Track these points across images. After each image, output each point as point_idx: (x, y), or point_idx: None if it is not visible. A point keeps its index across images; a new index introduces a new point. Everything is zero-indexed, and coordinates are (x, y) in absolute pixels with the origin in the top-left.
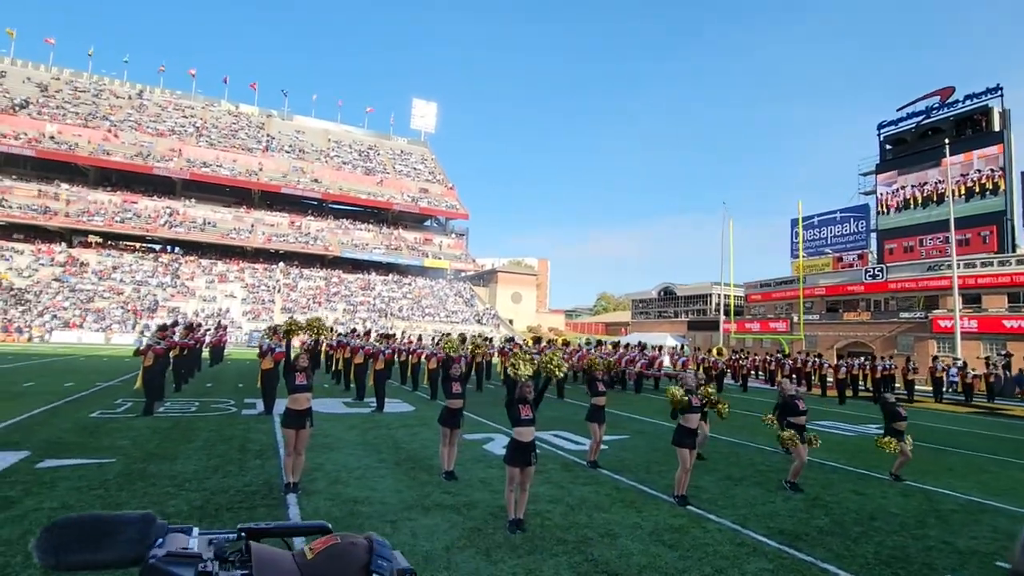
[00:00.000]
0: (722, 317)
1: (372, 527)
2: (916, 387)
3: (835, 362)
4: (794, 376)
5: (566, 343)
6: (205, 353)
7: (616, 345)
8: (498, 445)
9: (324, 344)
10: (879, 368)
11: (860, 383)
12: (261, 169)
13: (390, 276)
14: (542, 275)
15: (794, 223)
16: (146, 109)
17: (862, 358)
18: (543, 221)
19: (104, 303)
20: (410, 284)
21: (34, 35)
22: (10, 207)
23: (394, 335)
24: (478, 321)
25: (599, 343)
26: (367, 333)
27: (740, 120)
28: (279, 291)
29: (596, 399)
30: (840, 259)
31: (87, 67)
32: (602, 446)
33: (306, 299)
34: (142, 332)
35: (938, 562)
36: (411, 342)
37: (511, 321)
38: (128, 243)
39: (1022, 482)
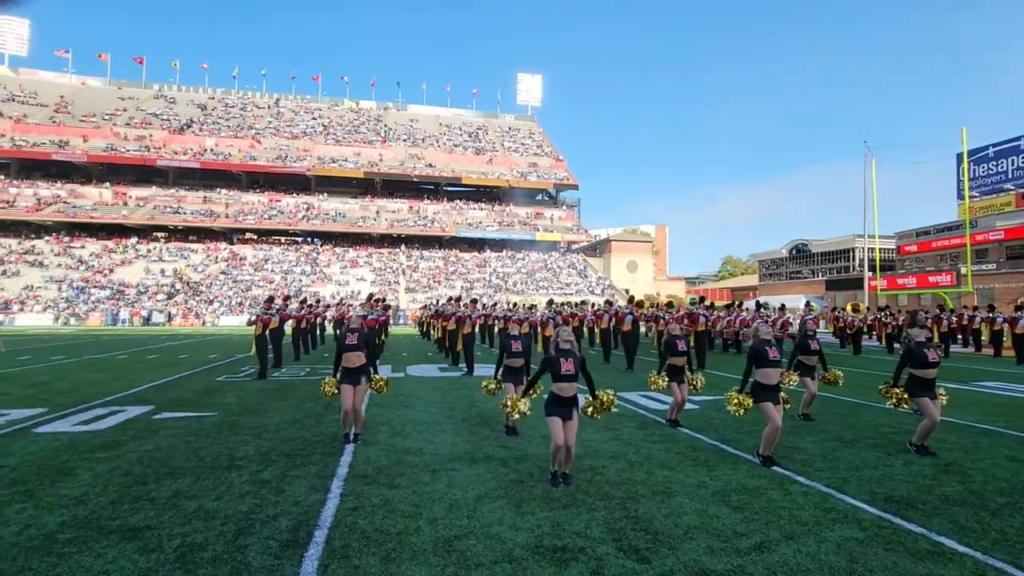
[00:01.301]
0: (867, 273)
1: (412, 475)
2: None
3: (1013, 315)
4: (959, 336)
5: (669, 304)
6: (330, 328)
7: (729, 307)
8: None
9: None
10: None
11: None
12: (381, 159)
13: (504, 252)
14: (660, 242)
15: (960, 158)
16: (282, 116)
17: None
18: (661, 187)
19: (259, 291)
20: (523, 259)
21: (192, 61)
22: (184, 213)
23: (492, 303)
24: (591, 292)
25: (703, 301)
26: (457, 299)
27: (884, 46)
28: (403, 273)
29: (674, 359)
30: None
31: (234, 85)
32: (691, 405)
33: (427, 279)
34: (251, 305)
35: None
36: (506, 309)
37: (627, 291)
38: (276, 237)
39: None
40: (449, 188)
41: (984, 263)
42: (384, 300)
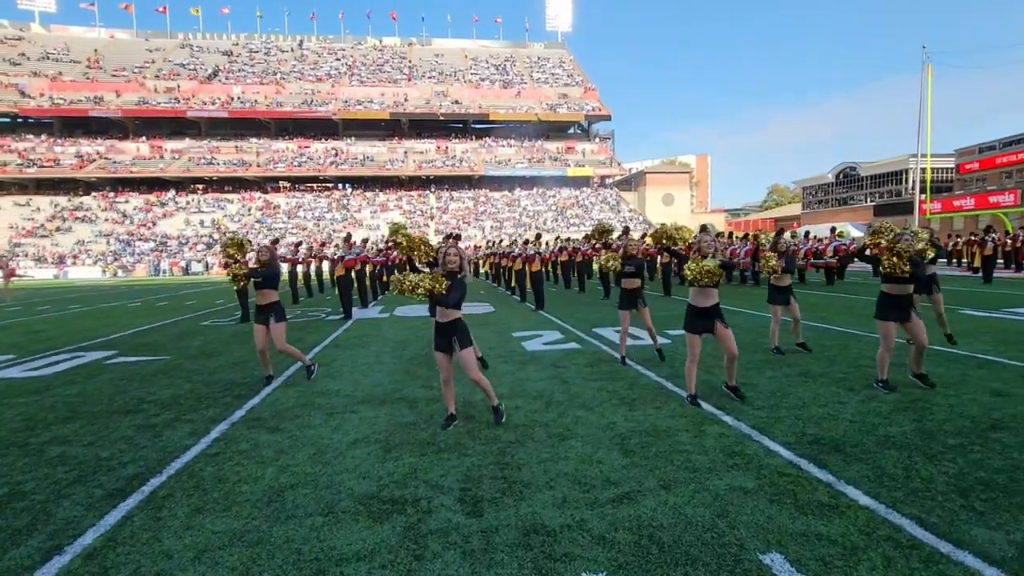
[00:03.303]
0: (917, 196)
1: (305, 419)
2: None
3: None
4: (1001, 261)
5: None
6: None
7: (745, 238)
8: (539, 342)
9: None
10: None
11: None
12: (407, 99)
13: (535, 190)
14: (701, 173)
15: None
16: (306, 58)
17: None
18: (705, 114)
19: (292, 238)
20: (554, 196)
21: (214, 6)
22: (218, 164)
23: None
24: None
25: (704, 230)
26: (448, 236)
27: None
28: (433, 216)
29: (627, 282)
30: None
31: (256, 28)
32: (663, 340)
33: (456, 220)
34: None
35: None
36: (511, 246)
37: (662, 225)
38: (307, 184)
39: None
40: (477, 125)
41: None
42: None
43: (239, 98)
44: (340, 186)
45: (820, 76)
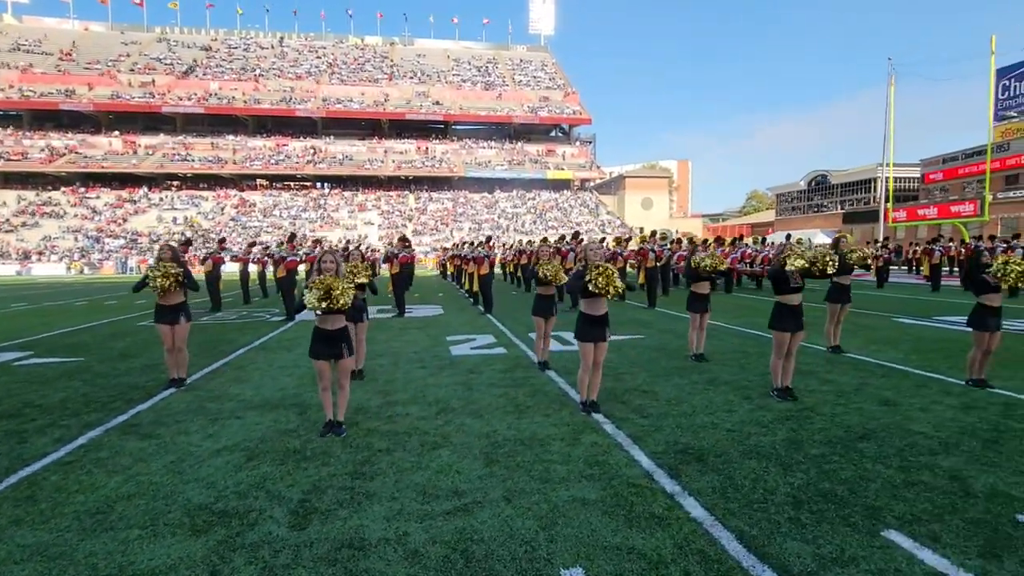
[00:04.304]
0: (882, 204)
1: (183, 425)
2: None
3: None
4: (955, 270)
5: (644, 239)
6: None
7: (692, 241)
8: (467, 347)
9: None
10: None
11: None
12: (387, 99)
13: (514, 192)
14: (683, 178)
15: (996, 73)
16: (286, 55)
17: None
18: (689, 120)
19: (267, 237)
20: (534, 198)
21: (192, 1)
22: (193, 160)
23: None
24: (603, 230)
25: (655, 235)
26: (400, 239)
27: None
28: (411, 217)
29: (541, 288)
30: None
31: (236, 24)
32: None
33: (434, 221)
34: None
35: (897, 507)
36: (459, 247)
37: (640, 229)
38: (284, 183)
39: None
40: (458, 127)
41: (1016, 190)
42: (348, 243)
43: (216, 94)
44: (318, 185)
45: (812, 81)
